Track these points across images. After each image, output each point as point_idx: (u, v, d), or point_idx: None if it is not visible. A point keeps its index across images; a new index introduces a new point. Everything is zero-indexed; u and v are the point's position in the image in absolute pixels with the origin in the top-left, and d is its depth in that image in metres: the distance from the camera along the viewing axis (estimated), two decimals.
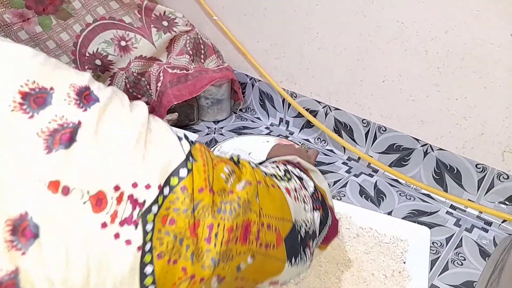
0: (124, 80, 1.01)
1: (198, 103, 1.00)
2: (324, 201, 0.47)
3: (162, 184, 0.27)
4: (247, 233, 0.32)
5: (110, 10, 0.97)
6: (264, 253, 0.34)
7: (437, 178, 0.76)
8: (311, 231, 0.42)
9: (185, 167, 0.28)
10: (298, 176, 0.46)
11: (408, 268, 0.61)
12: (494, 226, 0.71)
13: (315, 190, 0.46)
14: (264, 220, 0.34)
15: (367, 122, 0.83)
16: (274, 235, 0.35)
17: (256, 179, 0.35)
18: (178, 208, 0.27)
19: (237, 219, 0.30)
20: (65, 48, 0.96)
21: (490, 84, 0.64)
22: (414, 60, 0.71)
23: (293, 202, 0.39)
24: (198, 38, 1.01)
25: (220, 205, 0.30)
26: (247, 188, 0.33)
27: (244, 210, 0.31)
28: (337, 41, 0.80)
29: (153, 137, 0.28)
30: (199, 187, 0.29)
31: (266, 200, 0.35)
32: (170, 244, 0.27)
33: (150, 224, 0.26)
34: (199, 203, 0.28)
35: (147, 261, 0.25)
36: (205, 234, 0.28)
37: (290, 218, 0.38)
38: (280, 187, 0.39)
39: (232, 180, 0.33)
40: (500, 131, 0.66)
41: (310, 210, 0.43)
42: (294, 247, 0.38)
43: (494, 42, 0.62)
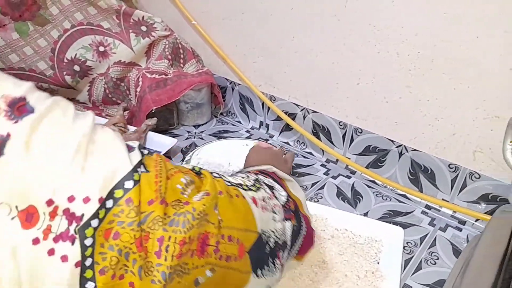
0: (103, 86, 1.01)
1: (178, 107, 1.00)
2: (297, 210, 0.46)
3: (104, 197, 0.26)
4: (204, 246, 0.31)
5: (88, 16, 0.97)
6: (225, 265, 0.33)
7: (412, 178, 0.77)
8: (281, 242, 0.41)
9: (131, 179, 0.27)
10: (269, 186, 0.45)
11: (381, 268, 0.61)
12: (468, 225, 0.72)
13: (287, 199, 0.45)
14: (224, 231, 0.33)
15: (343, 124, 0.83)
16: (236, 246, 0.34)
17: (216, 189, 0.34)
18: (122, 221, 0.26)
19: (190, 231, 0.29)
20: (43, 54, 0.95)
21: (459, 85, 0.66)
22: (386, 62, 0.72)
23: (260, 212, 0.38)
24: (177, 42, 1.01)
25: (173, 217, 0.29)
26: (204, 199, 0.32)
27: (200, 222, 0.30)
28: (313, 45, 0.81)
29: (96, 148, 0.27)
30: (148, 199, 0.28)
31: (228, 211, 0.34)
32: (114, 259, 0.26)
33: (89, 239, 0.25)
34: (148, 216, 0.28)
35: (88, 276, 0.25)
36: (155, 247, 0.27)
37: (255, 229, 0.37)
38: (245, 196, 0.38)
39: (189, 191, 0.32)
40: (470, 131, 0.67)
41: (280, 220, 0.42)
42: (260, 258, 0.37)
43: (462, 44, 0.63)
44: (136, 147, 0.30)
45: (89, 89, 1.02)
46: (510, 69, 0.60)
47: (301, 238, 0.46)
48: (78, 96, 1.03)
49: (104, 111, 1.05)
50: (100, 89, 1.02)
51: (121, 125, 0.90)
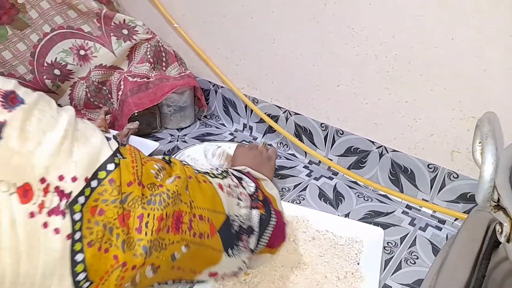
0: (85, 90, 1.00)
1: (161, 111, 1.00)
2: (266, 202, 0.50)
3: (89, 177, 0.29)
4: (179, 223, 0.34)
5: (68, 19, 0.96)
6: (198, 242, 0.36)
7: (393, 179, 0.78)
8: (246, 226, 0.44)
9: (112, 162, 0.30)
10: (238, 177, 0.49)
11: (361, 269, 0.62)
12: (447, 224, 0.73)
13: (256, 190, 0.49)
14: (196, 211, 0.36)
15: (325, 126, 0.84)
16: (207, 225, 0.37)
17: (186, 174, 0.37)
18: (106, 199, 0.29)
19: (167, 208, 0.32)
20: (22, 58, 0.94)
21: (436, 86, 0.66)
22: (365, 64, 0.72)
23: (226, 196, 0.42)
24: (159, 45, 1.01)
25: (150, 197, 0.32)
26: (176, 181, 0.35)
27: (174, 200, 0.33)
28: (293, 47, 0.81)
29: (80, 135, 0.30)
30: (127, 181, 0.31)
31: (197, 193, 0.38)
32: (100, 233, 0.28)
33: (78, 214, 0.27)
34: (128, 196, 0.31)
35: (77, 249, 0.27)
36: (135, 224, 0.30)
37: (223, 210, 0.41)
38: (212, 182, 0.41)
39: (162, 176, 0.35)
40: (448, 132, 0.68)
41: (246, 207, 0.45)
42: (229, 238, 0.41)
43: (437, 46, 0.64)
44: (111, 137, 0.33)
45: (70, 93, 1.01)
46: (484, 70, 0.61)
47: (271, 228, 0.49)
48: (59, 100, 1.02)
49: (86, 115, 1.04)
50: (81, 93, 1.01)
51: (103, 129, 0.89)
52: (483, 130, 0.34)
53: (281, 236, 0.52)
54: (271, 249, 0.51)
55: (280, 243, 0.52)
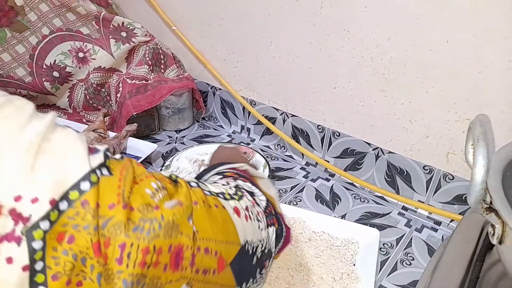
0: (84, 92, 1.01)
1: (159, 112, 1.00)
2: (276, 213, 0.45)
3: (57, 199, 0.25)
4: (178, 259, 0.29)
5: (67, 22, 0.97)
6: (202, 279, 0.31)
7: (389, 180, 0.78)
8: (267, 250, 0.40)
9: (87, 181, 0.26)
10: (250, 192, 0.43)
11: (357, 270, 0.62)
12: (443, 225, 0.73)
13: (267, 204, 0.44)
14: (200, 243, 0.31)
15: (322, 128, 0.84)
16: (214, 259, 0.32)
17: (191, 200, 0.33)
18: (77, 225, 0.25)
19: (155, 240, 0.28)
20: (21, 60, 0.95)
21: (431, 88, 0.67)
22: (361, 67, 0.73)
23: (244, 222, 0.37)
24: (157, 48, 1.01)
25: (138, 222, 0.28)
26: (176, 209, 0.30)
27: (168, 232, 0.29)
28: (290, 50, 0.82)
29: (51, 147, 0.26)
30: (109, 202, 0.27)
31: (205, 221, 0.33)
32: (68, 264, 0.25)
33: (38, 241, 0.24)
34: (109, 220, 0.26)
35: (40, 281, 0.24)
36: (116, 254, 0.26)
37: (237, 240, 0.35)
38: (225, 207, 0.36)
39: (160, 196, 0.30)
40: (443, 134, 0.69)
41: (264, 228, 0.40)
42: (245, 270, 0.36)
43: (432, 48, 0.64)
44: (101, 150, 0.29)
45: (69, 95, 1.02)
46: (479, 72, 0.61)
47: (283, 239, 0.45)
48: (58, 102, 1.03)
49: (85, 117, 1.04)
50: (80, 95, 1.02)
51: (101, 131, 0.90)
52: (474, 133, 0.35)
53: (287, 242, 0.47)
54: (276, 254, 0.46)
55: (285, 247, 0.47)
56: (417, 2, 0.63)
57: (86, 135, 0.87)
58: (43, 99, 1.00)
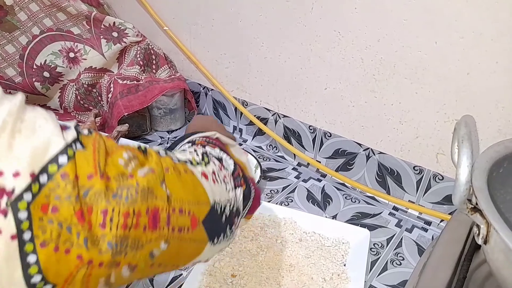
0: (75, 92, 1.00)
1: (151, 113, 1.00)
2: (244, 175, 0.48)
3: (36, 172, 0.26)
4: (156, 220, 0.32)
5: (58, 22, 0.96)
6: (178, 237, 0.35)
7: (380, 180, 0.79)
8: (235, 209, 0.44)
9: (65, 154, 0.28)
10: (217, 157, 0.46)
11: (347, 270, 0.63)
12: (433, 225, 0.74)
13: (235, 167, 0.47)
14: (175, 205, 0.34)
15: (313, 129, 0.85)
16: (188, 218, 0.36)
17: (162, 166, 0.35)
18: (59, 196, 0.27)
19: (134, 205, 0.30)
20: (11, 60, 0.94)
21: (420, 89, 0.67)
22: (351, 68, 0.73)
23: (211, 184, 0.40)
24: (149, 48, 1.01)
25: (116, 190, 0.30)
26: (148, 175, 0.33)
27: (144, 196, 0.31)
28: (281, 51, 0.82)
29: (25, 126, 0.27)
30: (87, 173, 0.29)
31: (177, 185, 0.36)
32: (54, 232, 0.26)
33: (23, 212, 0.25)
34: (89, 190, 0.28)
35: (29, 250, 0.25)
36: (99, 219, 0.28)
37: (207, 200, 0.39)
38: (194, 172, 0.39)
39: (133, 165, 0.33)
40: (432, 134, 0.69)
41: (232, 189, 0.44)
42: (216, 227, 0.40)
43: (421, 50, 0.65)
44: (71, 126, 0.31)
45: (60, 95, 1.01)
46: (467, 74, 0.62)
47: (251, 200, 0.48)
48: (49, 102, 1.02)
49: (76, 117, 1.04)
50: (71, 96, 1.01)
51: None
52: (459, 133, 0.35)
53: (257, 204, 0.51)
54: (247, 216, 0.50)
55: (256, 209, 0.51)
56: (406, 4, 0.63)
57: None
58: (33, 100, 1.00)
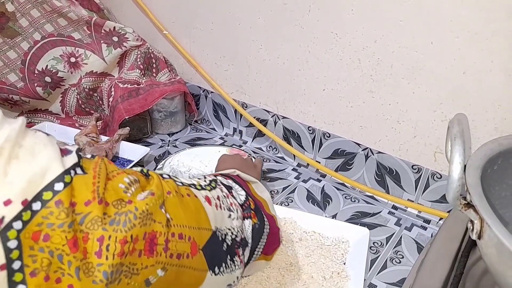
0: (76, 96, 1.01)
1: (151, 116, 1.01)
2: (258, 209, 0.48)
3: (29, 199, 0.26)
4: (153, 245, 0.31)
5: (59, 27, 0.97)
6: (176, 263, 0.33)
7: (379, 180, 0.79)
8: (240, 239, 0.42)
9: (61, 181, 0.27)
10: (227, 186, 0.46)
11: (347, 268, 0.63)
12: (433, 224, 0.75)
13: (246, 198, 0.46)
14: (174, 230, 0.33)
15: (312, 129, 0.85)
16: (187, 244, 0.34)
17: (163, 189, 0.35)
18: (52, 223, 0.26)
19: (132, 230, 0.29)
20: (13, 66, 0.95)
21: (417, 89, 0.68)
22: (349, 68, 0.74)
23: (214, 210, 0.39)
24: (149, 52, 1.02)
25: (114, 216, 0.29)
26: (148, 199, 0.32)
27: (142, 221, 0.31)
28: (280, 53, 0.83)
29: (23, 152, 0.27)
30: (85, 200, 0.28)
31: (178, 209, 0.35)
32: (45, 260, 0.26)
33: (13, 241, 0.25)
34: (86, 216, 0.28)
35: (18, 280, 0.25)
36: (95, 247, 0.28)
37: (209, 226, 0.38)
38: (197, 195, 0.39)
39: (133, 190, 0.32)
40: (430, 133, 0.70)
41: (237, 218, 0.43)
42: (216, 255, 0.38)
43: (418, 50, 0.66)
44: (73, 151, 0.30)
45: (62, 100, 1.02)
46: (463, 73, 0.63)
47: (265, 236, 0.47)
48: (50, 107, 1.03)
49: (78, 121, 1.05)
50: (72, 100, 1.02)
51: (94, 135, 0.90)
52: (452, 131, 0.36)
53: (275, 242, 0.50)
54: (266, 256, 0.49)
55: (275, 249, 0.50)
56: (402, 5, 0.64)
57: (78, 140, 0.87)
58: (35, 104, 1.01)
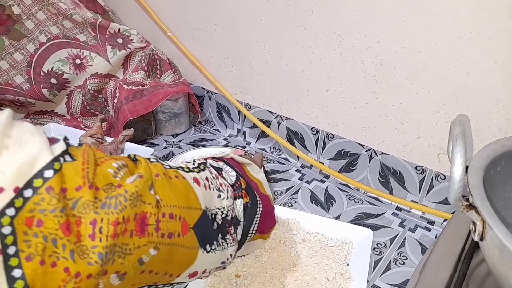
0: (81, 98, 1.02)
1: (156, 117, 1.02)
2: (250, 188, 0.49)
3: (21, 186, 0.26)
4: (143, 225, 0.32)
5: (64, 29, 0.98)
6: (168, 242, 0.34)
7: (383, 181, 0.79)
8: (230, 217, 0.43)
9: (51, 169, 0.28)
10: (217, 167, 0.47)
11: (350, 270, 0.63)
12: (437, 225, 0.74)
13: (237, 179, 0.47)
14: (164, 210, 0.34)
15: (316, 130, 0.85)
16: (178, 223, 0.35)
17: (151, 172, 0.35)
18: (44, 209, 0.27)
19: (123, 212, 0.30)
20: (19, 68, 0.96)
21: (421, 90, 0.68)
22: (352, 69, 0.74)
23: (203, 190, 0.40)
24: (153, 54, 1.03)
25: (105, 200, 0.30)
26: (137, 181, 0.33)
27: (133, 202, 0.32)
28: (283, 54, 0.83)
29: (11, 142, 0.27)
30: (76, 185, 0.29)
31: (167, 190, 0.36)
32: (39, 245, 0.26)
33: (7, 227, 0.25)
34: (78, 201, 0.29)
35: (14, 264, 0.25)
36: (88, 230, 0.28)
37: (199, 206, 0.39)
38: (185, 177, 0.39)
39: (122, 174, 0.33)
40: (433, 134, 0.70)
41: (227, 198, 0.43)
42: (207, 234, 0.39)
43: (421, 51, 0.65)
44: (61, 139, 0.31)
45: (67, 101, 1.03)
46: (467, 73, 0.62)
47: (259, 214, 0.48)
48: (56, 108, 1.04)
49: (83, 122, 1.05)
50: (78, 101, 1.03)
51: (98, 136, 0.91)
52: (453, 132, 0.36)
53: (271, 221, 0.51)
54: (262, 234, 0.50)
55: (271, 227, 0.51)
56: (404, 6, 0.64)
57: (83, 141, 0.88)
58: (41, 106, 1.02)
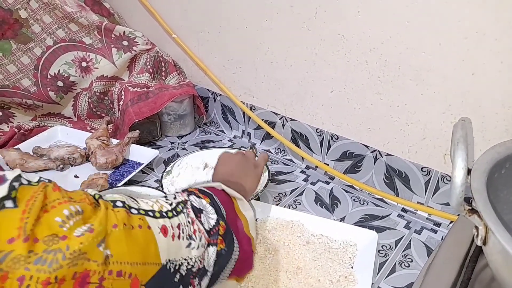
0: (87, 100, 1.03)
1: (161, 119, 1.02)
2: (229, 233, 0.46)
3: None
4: (84, 284, 0.30)
5: (70, 32, 0.99)
6: None
7: (388, 182, 0.79)
8: (197, 269, 0.41)
9: None
10: (198, 208, 0.44)
11: (355, 272, 0.63)
12: (443, 227, 0.73)
13: (217, 223, 0.45)
14: (113, 267, 0.32)
15: (320, 131, 0.85)
16: (127, 281, 0.33)
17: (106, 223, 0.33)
18: None
19: (58, 271, 0.28)
20: (26, 71, 0.97)
21: (426, 90, 0.67)
22: (356, 70, 0.74)
23: (169, 241, 0.38)
24: (158, 56, 1.03)
25: (41, 254, 0.28)
26: (84, 237, 0.31)
27: (72, 262, 0.29)
28: (287, 55, 0.83)
29: None
30: (8, 237, 0.27)
31: (122, 244, 0.33)
32: None
33: None
34: (7, 255, 0.27)
35: None
36: (14, 287, 0.27)
37: (158, 260, 0.36)
38: (151, 226, 0.37)
39: (72, 223, 0.31)
40: (439, 135, 0.69)
41: (198, 247, 0.41)
42: None
43: (425, 51, 0.65)
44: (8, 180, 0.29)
45: (74, 103, 1.04)
46: (472, 74, 0.62)
47: (233, 262, 0.46)
48: (63, 111, 1.05)
49: (89, 125, 1.06)
50: (84, 104, 1.04)
51: (104, 139, 0.92)
52: (455, 136, 0.35)
53: (247, 266, 0.49)
54: (237, 277, 0.48)
55: (246, 272, 0.49)
56: (408, 6, 0.63)
57: (89, 143, 0.89)
58: (48, 108, 1.03)
